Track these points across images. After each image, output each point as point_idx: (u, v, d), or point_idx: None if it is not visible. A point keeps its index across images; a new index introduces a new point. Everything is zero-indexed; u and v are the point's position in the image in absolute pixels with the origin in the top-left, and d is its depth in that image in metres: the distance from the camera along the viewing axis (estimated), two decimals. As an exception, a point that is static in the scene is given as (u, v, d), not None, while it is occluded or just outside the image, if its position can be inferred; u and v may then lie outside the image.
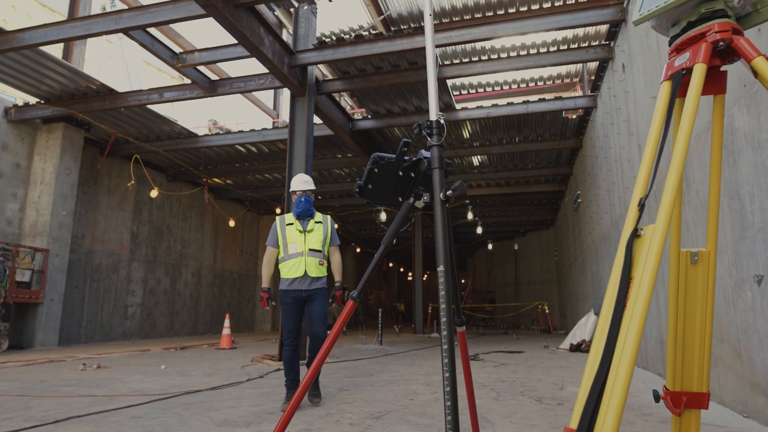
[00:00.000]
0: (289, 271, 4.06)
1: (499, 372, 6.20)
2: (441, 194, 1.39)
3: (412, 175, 1.52)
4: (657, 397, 1.35)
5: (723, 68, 1.22)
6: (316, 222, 4.24)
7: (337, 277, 4.22)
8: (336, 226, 4.86)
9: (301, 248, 4.08)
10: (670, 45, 1.25)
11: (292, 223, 4.19)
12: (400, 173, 1.51)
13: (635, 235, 0.99)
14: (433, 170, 1.42)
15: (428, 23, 1.60)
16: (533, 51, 10.90)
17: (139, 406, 3.93)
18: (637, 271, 0.94)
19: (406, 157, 1.53)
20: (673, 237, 1.30)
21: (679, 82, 1.14)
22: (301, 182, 4.28)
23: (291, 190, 4.28)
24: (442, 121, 1.43)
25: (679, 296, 1.24)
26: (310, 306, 4.06)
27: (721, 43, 1.12)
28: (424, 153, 1.51)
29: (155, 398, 4.27)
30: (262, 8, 10.07)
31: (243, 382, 5.28)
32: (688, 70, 1.14)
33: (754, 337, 3.41)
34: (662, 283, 5.52)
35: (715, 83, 1.21)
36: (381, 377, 5.75)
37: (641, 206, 1.01)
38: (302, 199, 4.19)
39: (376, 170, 1.50)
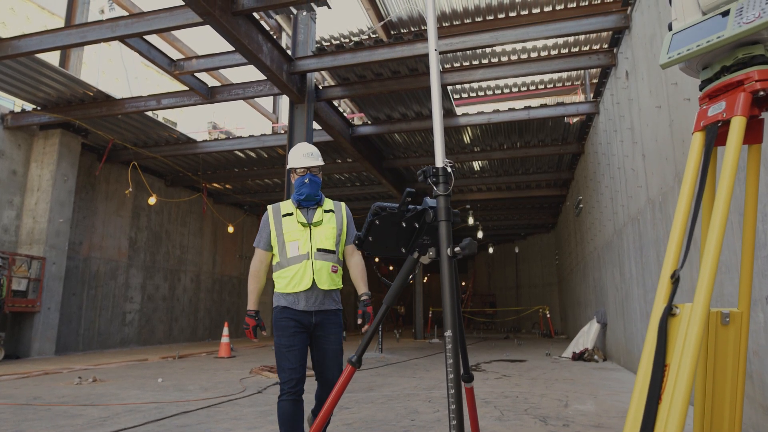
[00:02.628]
0: (290, 283, 2.74)
1: (502, 385, 6.09)
2: (448, 250, 1.25)
3: (416, 225, 1.40)
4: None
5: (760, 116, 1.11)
6: (326, 211, 2.92)
7: (363, 287, 2.95)
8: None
9: (305, 248, 2.78)
10: (701, 90, 1.13)
11: (291, 213, 2.85)
12: (404, 224, 1.39)
13: (670, 313, 0.88)
14: (439, 222, 1.29)
15: (434, 68, 1.49)
16: (534, 54, 10.81)
17: (133, 429, 3.82)
18: (673, 357, 0.82)
19: (410, 206, 1.40)
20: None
21: (715, 134, 1.03)
22: (303, 155, 2.90)
23: (289, 167, 2.94)
24: (449, 169, 1.30)
25: (708, 361, 1.13)
26: (321, 339, 2.77)
27: (762, 93, 1.01)
28: (430, 202, 1.39)
29: (150, 420, 4.16)
30: (261, 14, 9.96)
31: (241, 398, 5.17)
32: (725, 122, 1.03)
33: (766, 359, 3.31)
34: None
35: (750, 132, 1.09)
36: (381, 392, 5.64)
37: (675, 280, 0.90)
38: (306, 180, 2.84)
39: (377, 222, 1.37)
